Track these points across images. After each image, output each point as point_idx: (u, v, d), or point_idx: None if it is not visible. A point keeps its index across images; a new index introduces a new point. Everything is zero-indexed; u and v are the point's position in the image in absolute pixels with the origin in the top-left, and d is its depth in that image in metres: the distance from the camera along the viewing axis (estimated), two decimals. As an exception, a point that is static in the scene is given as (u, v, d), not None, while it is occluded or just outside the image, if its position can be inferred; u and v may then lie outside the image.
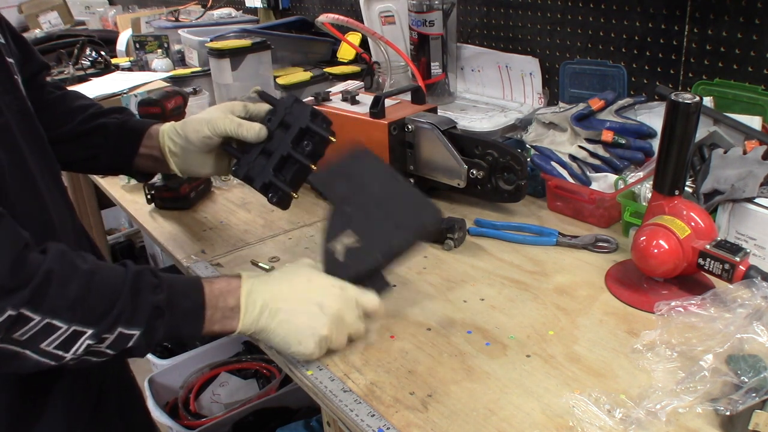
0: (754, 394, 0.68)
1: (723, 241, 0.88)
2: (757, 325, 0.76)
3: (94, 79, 1.96)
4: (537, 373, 0.79)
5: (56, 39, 2.44)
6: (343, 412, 0.75)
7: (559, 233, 1.10)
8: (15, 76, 0.85)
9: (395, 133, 1.23)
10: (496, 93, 1.70)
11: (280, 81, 1.79)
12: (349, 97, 1.34)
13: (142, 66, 2.16)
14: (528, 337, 0.86)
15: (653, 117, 1.24)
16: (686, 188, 1.05)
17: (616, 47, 1.42)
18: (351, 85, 1.66)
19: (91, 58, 2.17)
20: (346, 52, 1.97)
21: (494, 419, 0.72)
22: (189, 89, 1.68)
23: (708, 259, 0.87)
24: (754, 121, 1.15)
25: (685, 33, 1.29)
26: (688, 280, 0.93)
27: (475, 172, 1.19)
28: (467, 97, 1.77)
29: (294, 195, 0.99)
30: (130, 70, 2.14)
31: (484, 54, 1.69)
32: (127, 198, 1.43)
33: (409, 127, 1.24)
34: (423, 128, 1.23)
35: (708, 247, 0.87)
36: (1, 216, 0.66)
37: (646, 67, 1.38)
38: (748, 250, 0.87)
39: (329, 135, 0.99)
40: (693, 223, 0.90)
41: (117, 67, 2.15)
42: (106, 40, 2.45)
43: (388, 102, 1.28)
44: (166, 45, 2.20)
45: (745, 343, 0.75)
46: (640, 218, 1.03)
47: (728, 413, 0.68)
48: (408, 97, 1.34)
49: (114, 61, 2.21)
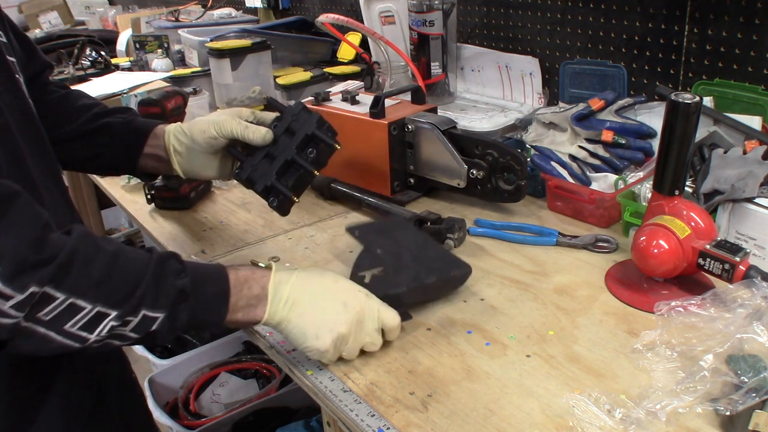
0: (754, 394, 0.68)
1: (723, 241, 0.88)
2: (757, 325, 0.76)
3: (94, 79, 1.96)
4: (537, 373, 0.79)
5: (56, 39, 2.44)
6: (343, 412, 0.75)
7: (559, 233, 1.10)
8: (16, 76, 0.84)
9: (395, 133, 1.24)
10: (496, 93, 1.70)
11: (280, 81, 1.79)
12: (349, 97, 1.34)
13: (142, 66, 2.16)
14: (528, 337, 0.86)
15: (653, 117, 1.24)
16: (686, 188, 1.05)
17: (616, 47, 1.42)
18: (351, 85, 1.66)
19: (91, 58, 2.17)
20: (346, 52, 1.98)
21: (494, 419, 0.72)
22: (189, 89, 1.68)
23: (708, 259, 0.87)
24: (754, 121, 1.15)
25: (685, 33, 1.29)
26: (688, 280, 0.93)
27: (475, 172, 1.19)
28: (467, 97, 1.77)
29: (295, 199, 1.00)
30: (130, 70, 2.14)
31: (484, 54, 1.69)
32: (127, 198, 1.43)
33: (409, 127, 1.24)
34: (423, 128, 1.23)
35: (708, 247, 0.87)
36: (19, 194, 0.65)
37: (646, 67, 1.38)
38: (748, 250, 0.87)
39: (334, 143, 1.00)
40: (693, 223, 0.90)
41: (117, 67, 2.15)
42: (106, 40, 2.45)
43: (388, 102, 1.29)
44: (166, 45, 2.20)
45: (745, 343, 0.75)
46: (640, 218, 1.03)
47: (728, 413, 0.68)
48: (408, 97, 1.35)
49: (114, 61, 2.22)
